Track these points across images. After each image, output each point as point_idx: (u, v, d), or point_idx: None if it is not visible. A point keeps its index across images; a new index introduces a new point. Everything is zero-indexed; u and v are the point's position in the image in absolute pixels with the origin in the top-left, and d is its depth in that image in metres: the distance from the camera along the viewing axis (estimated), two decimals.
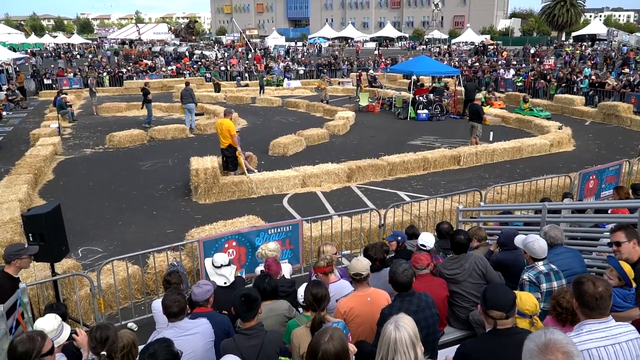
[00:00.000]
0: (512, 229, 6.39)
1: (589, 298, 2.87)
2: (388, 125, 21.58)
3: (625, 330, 2.85)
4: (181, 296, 4.22)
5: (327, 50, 63.47)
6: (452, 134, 19.56)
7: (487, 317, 3.12)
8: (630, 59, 39.83)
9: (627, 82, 24.86)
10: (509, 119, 21.81)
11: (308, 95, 31.06)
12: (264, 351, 3.85)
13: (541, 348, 2.13)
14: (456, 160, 14.95)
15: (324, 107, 24.73)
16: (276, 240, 7.59)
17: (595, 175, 10.35)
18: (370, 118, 23.36)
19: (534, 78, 29.90)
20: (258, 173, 13.02)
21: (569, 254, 4.91)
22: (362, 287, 4.53)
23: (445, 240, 6.43)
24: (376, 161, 13.97)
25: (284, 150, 16.29)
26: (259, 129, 20.81)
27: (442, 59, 43.44)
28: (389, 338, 2.67)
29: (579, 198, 9.84)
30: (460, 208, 8.63)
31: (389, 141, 18.22)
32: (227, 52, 58.47)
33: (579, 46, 54.60)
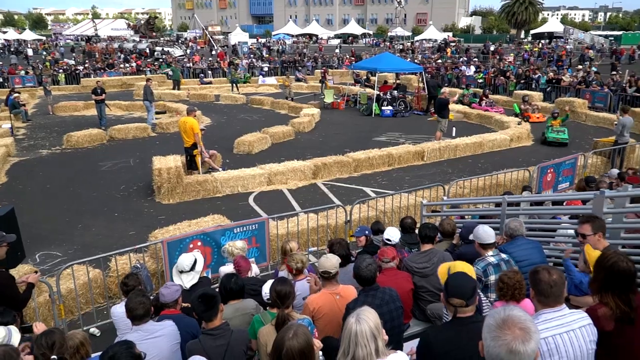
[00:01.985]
0: (473, 222, 6.54)
1: (544, 286, 2.98)
2: (353, 122, 21.72)
3: (579, 317, 2.98)
4: (146, 298, 4.15)
5: (292, 47, 63.30)
6: (416, 129, 19.83)
7: (449, 305, 3.21)
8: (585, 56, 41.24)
9: (582, 79, 25.72)
10: (470, 115, 22.26)
11: (273, 92, 30.95)
12: (231, 351, 3.84)
13: (499, 324, 2.20)
14: (420, 155, 15.18)
15: (289, 105, 24.69)
16: (242, 239, 7.57)
17: (552, 168, 10.68)
18: (336, 115, 23.46)
19: (494, 75, 30.61)
20: (223, 171, 12.93)
21: (528, 245, 5.06)
22: (331, 284, 4.56)
23: (409, 234, 6.54)
24: (342, 158, 14.06)
25: (249, 148, 16.21)
26: (224, 127, 20.62)
27: (405, 56, 43.94)
28: (350, 331, 2.71)
29: (538, 191, 10.14)
30: (424, 203, 8.79)
31: (354, 138, 18.34)
32: (189, 49, 57.67)
33: (537, 44, 56.06)
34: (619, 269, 3.25)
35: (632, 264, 3.29)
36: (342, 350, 2.73)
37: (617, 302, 3.22)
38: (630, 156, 14.02)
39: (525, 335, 2.17)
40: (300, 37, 78.48)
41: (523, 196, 7.34)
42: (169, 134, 19.18)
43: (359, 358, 2.68)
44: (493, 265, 4.49)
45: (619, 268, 3.25)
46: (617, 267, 3.25)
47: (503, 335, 2.17)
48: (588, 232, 4.24)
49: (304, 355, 2.79)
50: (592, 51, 45.11)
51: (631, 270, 3.26)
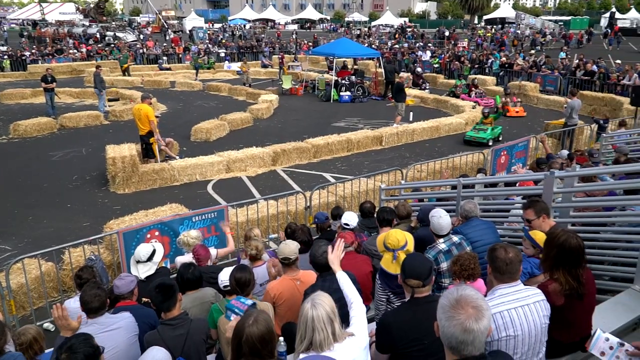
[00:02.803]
0: (430, 205, 6.66)
1: (500, 263, 3.09)
2: (312, 108, 21.68)
3: (533, 293, 3.10)
4: (101, 290, 4.05)
5: (249, 32, 62.43)
6: (375, 115, 19.97)
7: (406, 286, 3.26)
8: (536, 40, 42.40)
9: (533, 63, 26.42)
10: (427, 100, 22.56)
11: (230, 78, 30.52)
12: (190, 340, 3.80)
13: (453, 304, 2.27)
14: (378, 140, 15.31)
15: (246, 91, 24.42)
16: (201, 227, 7.50)
17: (506, 151, 10.97)
18: (294, 101, 23.35)
19: (449, 60, 31.07)
20: (180, 159, 12.72)
21: (483, 225, 5.18)
22: (292, 270, 4.57)
23: (369, 219, 6.59)
24: (301, 144, 14.04)
25: (207, 135, 15.98)
26: (180, 114, 20.23)
27: (362, 42, 44.04)
28: (307, 316, 2.73)
29: (492, 173, 10.41)
30: (383, 187, 8.88)
31: (313, 123, 18.33)
32: (142, 34, 56.07)
33: (490, 29, 57.20)
34: (569, 246, 3.37)
35: (581, 240, 3.42)
36: (299, 336, 2.74)
37: (568, 278, 3.34)
38: (579, 137, 14.55)
39: (478, 314, 2.23)
40: (257, 22, 77.51)
41: (477, 178, 7.52)
42: (122, 122, 18.67)
43: (317, 343, 2.70)
44: (444, 252, 4.58)
45: (569, 245, 3.37)
46: (568, 244, 3.38)
47: (457, 314, 2.23)
48: (532, 216, 4.40)
49: (264, 341, 2.79)
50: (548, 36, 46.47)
51: (581, 246, 3.39)
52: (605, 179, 6.59)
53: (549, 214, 4.48)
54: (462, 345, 2.22)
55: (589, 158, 8.61)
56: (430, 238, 4.99)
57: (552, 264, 3.42)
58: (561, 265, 3.38)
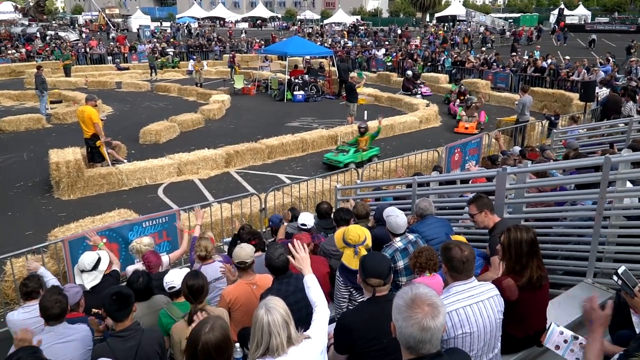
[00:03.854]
0: (386, 204, 6.73)
1: (457, 262, 3.13)
2: (265, 108, 21.59)
3: (487, 289, 3.17)
4: (62, 296, 3.96)
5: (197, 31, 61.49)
6: (329, 114, 20.07)
7: (367, 285, 3.27)
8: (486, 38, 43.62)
9: (484, 61, 27.18)
10: (381, 98, 22.84)
11: (179, 78, 30.03)
12: (142, 351, 3.70)
13: (408, 303, 2.29)
14: (334, 140, 15.38)
15: (197, 91, 24.09)
16: (152, 233, 7.35)
17: (459, 148, 11.24)
18: (247, 101, 23.20)
19: (402, 57, 31.56)
20: (128, 163, 12.44)
21: (438, 223, 5.29)
22: (248, 274, 4.52)
23: (325, 220, 6.61)
24: (254, 145, 13.96)
25: (156, 137, 15.67)
26: (127, 116, 19.77)
27: (315, 40, 44.17)
28: (262, 322, 2.70)
29: (447, 170, 10.64)
30: (338, 187, 8.93)
31: (267, 124, 18.25)
32: (85, 34, 54.35)
33: (441, 27, 58.47)
34: (523, 239, 3.50)
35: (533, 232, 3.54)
36: (254, 343, 2.71)
37: (531, 267, 3.46)
38: (530, 134, 15.03)
39: (433, 311, 2.27)
40: (206, 20, 76.45)
41: (432, 176, 7.65)
42: (66, 125, 18.08)
43: (273, 348, 2.68)
44: (400, 251, 4.65)
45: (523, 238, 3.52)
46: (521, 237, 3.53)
47: (414, 314, 2.25)
48: (474, 211, 4.59)
49: (221, 349, 2.75)
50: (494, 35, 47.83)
51: (534, 239, 3.52)
52: (556, 175, 6.84)
53: (492, 210, 4.63)
54: (420, 344, 2.24)
55: (540, 154, 8.92)
56: (386, 237, 5.05)
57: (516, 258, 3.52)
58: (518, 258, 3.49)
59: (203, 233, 6.15)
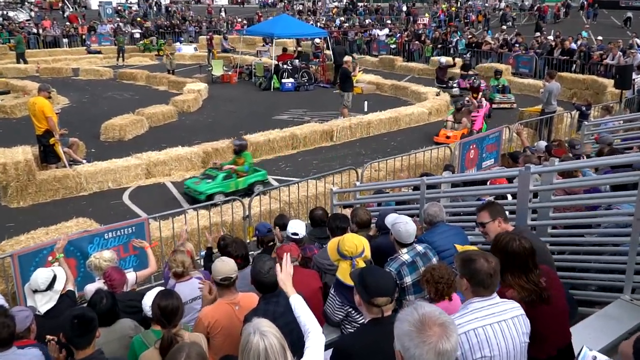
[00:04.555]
0: (390, 209, 6.76)
1: (484, 276, 3.08)
2: (248, 98, 21.62)
3: (510, 306, 3.14)
4: (10, 319, 3.97)
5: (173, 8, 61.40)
6: (323, 105, 20.10)
7: (371, 306, 3.23)
8: (506, 14, 43.74)
9: (504, 42, 27.28)
10: (383, 86, 22.91)
11: (148, 64, 30.00)
12: None
13: (418, 327, 2.27)
14: (329, 135, 15.42)
15: (168, 79, 24.09)
16: (116, 245, 7.34)
17: (475, 144, 11.27)
18: (227, 90, 23.21)
19: (407, 39, 31.63)
20: (87, 164, 12.44)
21: (450, 231, 5.30)
22: (229, 293, 4.50)
23: (320, 228, 6.61)
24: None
25: (121, 133, 15.66)
26: (87, 109, 19.75)
27: (306, 19, 44.26)
28: (257, 350, 2.65)
29: (461, 170, 10.68)
30: (335, 190, 8.94)
31: (251, 117, 18.27)
32: (36, 12, 54.19)
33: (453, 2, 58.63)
34: (512, 250, 3.54)
35: (528, 242, 3.56)
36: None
37: (521, 282, 3.48)
38: (558, 126, 15.09)
39: (446, 331, 2.27)
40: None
41: (443, 177, 7.69)
42: (15, 120, 18.05)
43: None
44: (408, 265, 4.63)
45: (512, 249, 3.54)
46: (510, 248, 3.55)
47: (427, 338, 2.25)
48: (486, 219, 4.50)
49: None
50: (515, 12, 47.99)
51: (526, 249, 3.53)
52: (589, 174, 6.87)
53: (506, 218, 4.61)
54: None
55: (569, 150, 8.96)
56: (390, 248, 5.06)
57: (502, 271, 3.53)
58: (509, 270, 3.51)
59: (179, 245, 6.13)
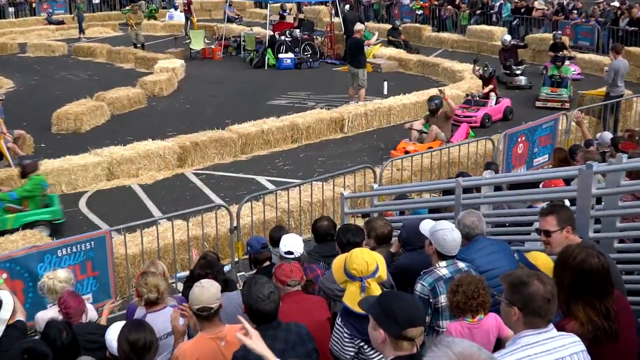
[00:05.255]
0: (417, 219, 6.73)
1: (541, 302, 3.04)
2: (236, 78, 21.65)
3: (570, 341, 3.12)
4: None
5: None
6: (331, 87, 20.10)
7: (402, 339, 3.19)
8: None
9: (559, 7, 27.13)
10: (408, 63, 22.90)
11: (110, 36, 30.10)
12: None
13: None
14: (338, 125, 15.44)
15: (136, 55, 24.16)
16: (72, 265, 7.35)
17: (524, 135, 11.23)
18: (209, 68, 23.30)
19: (438, 3, 31.45)
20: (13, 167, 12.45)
21: (493, 247, 5.26)
22: (213, 325, 4.50)
23: (327, 244, 6.60)
24: (221, 133, 14.04)
25: (77, 124, 15.71)
26: (35, 93, 19.85)
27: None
28: None
29: (506, 169, 10.63)
30: (346, 194, 8.90)
31: (240, 102, 18.33)
32: None
33: None
34: (590, 268, 3.45)
35: (606, 259, 3.51)
36: None
37: (590, 314, 3.42)
38: (626, 114, 14.96)
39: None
40: None
41: (484, 177, 7.65)
42: None
43: None
44: (445, 281, 4.61)
45: (590, 266, 3.45)
46: (588, 265, 3.45)
47: None
48: (553, 227, 4.40)
49: None
50: None
51: (605, 268, 3.47)
52: None
53: (575, 227, 4.56)
54: None
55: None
56: (418, 267, 5.06)
57: (568, 295, 3.50)
58: (579, 296, 3.47)
59: (150, 264, 6.13)
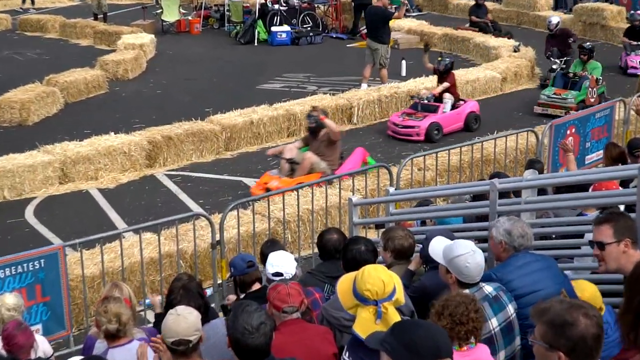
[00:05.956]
0: (443, 229, 6.74)
1: (592, 343, 2.98)
2: (219, 57, 21.78)
3: None
4: None
5: None
6: (337, 67, 20.20)
7: None
8: None
9: None
10: (432, 37, 22.85)
11: (64, 6, 30.20)
12: None
13: None
14: (346, 114, 15.51)
15: (95, 29, 24.25)
16: (17, 288, 7.38)
17: (574, 127, 11.21)
18: (186, 44, 23.46)
19: None
20: None
21: (537, 264, 5.24)
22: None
23: (334, 262, 6.61)
24: (201, 125, 14.13)
25: (22, 114, 15.82)
26: None
27: None
28: None
29: (552, 168, 10.62)
30: (355, 200, 8.88)
31: (223, 86, 18.46)
32: None
33: None
34: None
35: None
36: None
37: None
38: None
39: None
40: None
41: (525, 178, 7.65)
42: None
43: None
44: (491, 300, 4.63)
45: None
46: None
47: None
48: (608, 238, 4.42)
49: None
50: None
51: None
52: None
53: (637, 241, 4.55)
54: None
55: None
56: (443, 289, 5.08)
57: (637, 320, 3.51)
58: None
59: (112, 288, 6.13)
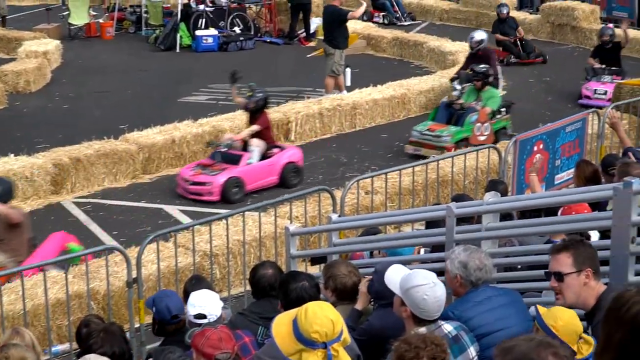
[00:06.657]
0: (391, 261, 6.77)
1: None
2: (135, 65, 21.92)
3: None
4: None
5: None
6: (273, 76, 20.30)
7: None
8: None
9: None
10: (380, 42, 23.17)
11: None
12: None
13: None
14: (282, 130, 15.66)
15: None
16: None
17: (542, 142, 11.35)
18: (97, 51, 23.53)
19: None
20: None
21: (499, 299, 5.33)
22: None
23: (270, 301, 6.63)
24: (114, 144, 14.15)
25: None
26: None
27: None
28: None
29: (517, 189, 10.76)
30: (292, 229, 8.89)
31: (140, 99, 18.58)
32: None
33: None
34: None
35: None
36: None
37: None
38: None
39: None
40: None
41: (485, 202, 7.73)
42: None
43: None
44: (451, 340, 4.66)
45: None
46: None
47: None
48: (567, 267, 4.54)
49: None
50: None
51: None
52: None
53: (598, 271, 4.65)
54: None
55: None
56: (394, 330, 5.11)
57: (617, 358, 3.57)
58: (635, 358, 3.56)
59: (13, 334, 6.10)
